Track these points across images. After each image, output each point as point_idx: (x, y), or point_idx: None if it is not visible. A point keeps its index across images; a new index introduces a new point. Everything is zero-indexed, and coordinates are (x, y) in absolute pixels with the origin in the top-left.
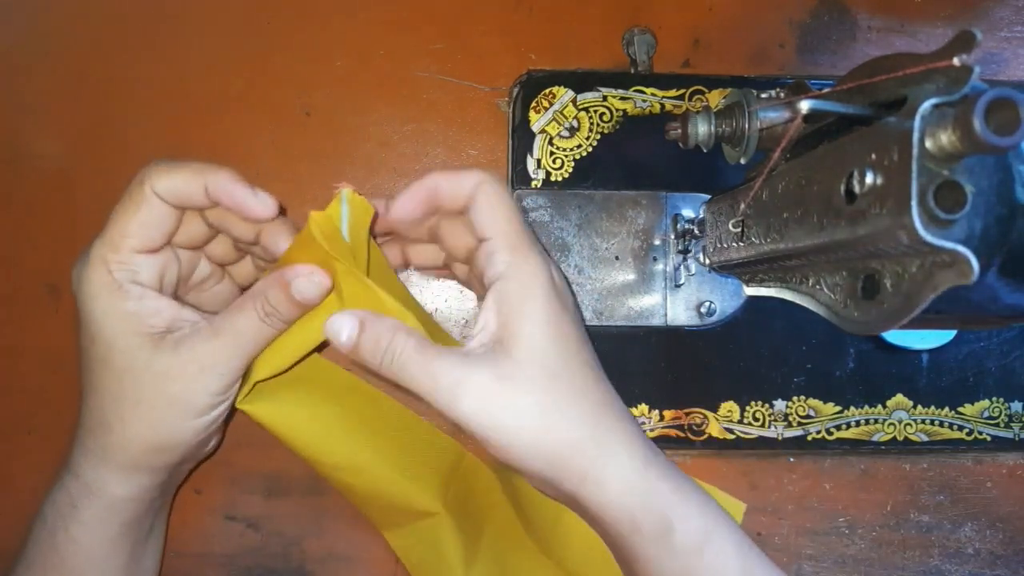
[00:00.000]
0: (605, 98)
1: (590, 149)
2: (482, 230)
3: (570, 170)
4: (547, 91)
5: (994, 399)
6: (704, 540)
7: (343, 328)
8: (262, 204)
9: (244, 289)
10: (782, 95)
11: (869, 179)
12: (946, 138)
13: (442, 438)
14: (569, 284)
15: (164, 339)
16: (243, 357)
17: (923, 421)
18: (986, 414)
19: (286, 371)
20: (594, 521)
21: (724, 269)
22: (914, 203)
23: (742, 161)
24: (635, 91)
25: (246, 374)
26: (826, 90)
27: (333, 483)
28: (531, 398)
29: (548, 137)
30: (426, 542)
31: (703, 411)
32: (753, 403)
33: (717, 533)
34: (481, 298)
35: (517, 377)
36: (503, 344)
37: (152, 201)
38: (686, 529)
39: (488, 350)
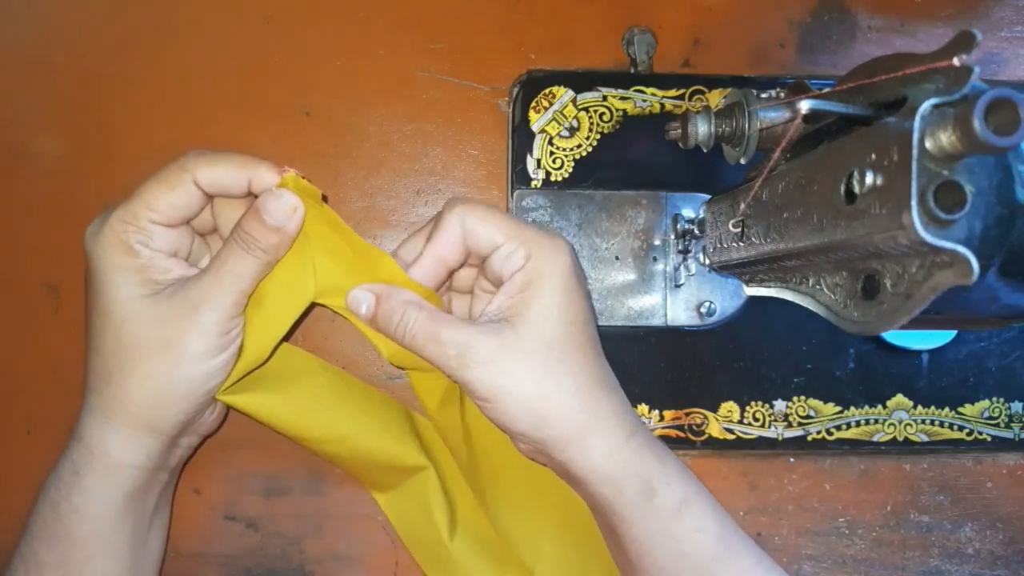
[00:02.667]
0: (605, 98)
1: (590, 149)
2: (491, 241)
3: (570, 170)
4: (547, 91)
5: (994, 399)
6: (683, 504)
7: (362, 302)
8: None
9: None
10: (782, 95)
11: (869, 179)
12: (946, 138)
13: (407, 410)
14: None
15: (164, 290)
16: (233, 291)
17: (923, 421)
18: (986, 414)
19: (268, 359)
20: (579, 485)
21: (724, 269)
22: (914, 203)
23: (742, 161)
24: (635, 91)
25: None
26: (826, 90)
27: (324, 456)
28: (530, 366)
29: (548, 137)
30: (416, 501)
31: (703, 411)
32: (753, 403)
33: (696, 499)
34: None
35: (519, 347)
36: (510, 321)
37: (188, 187)
38: (666, 493)
39: (495, 324)
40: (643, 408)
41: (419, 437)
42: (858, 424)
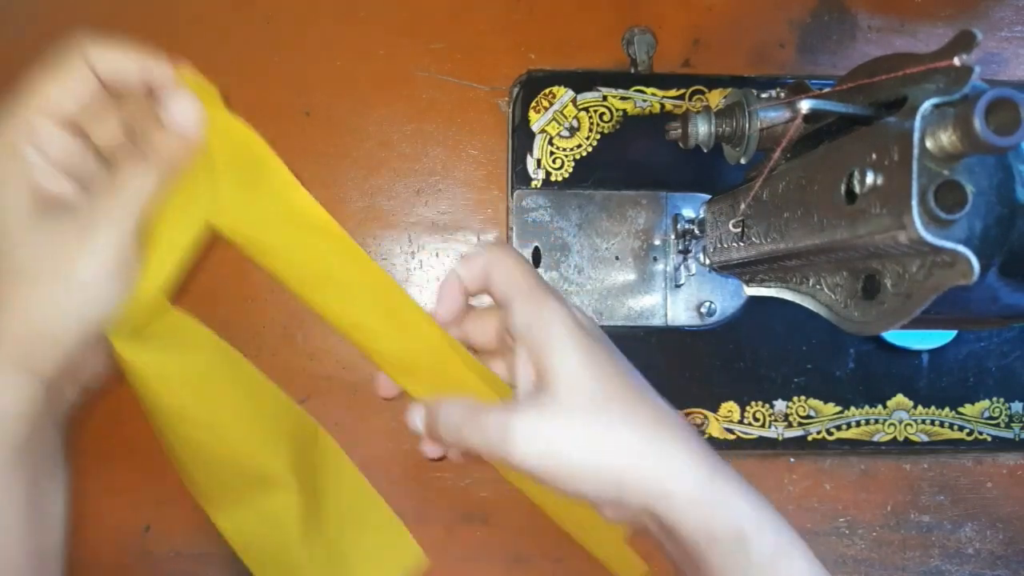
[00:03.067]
0: (605, 98)
1: (590, 149)
2: (501, 294)
3: (570, 170)
4: (547, 91)
5: (994, 399)
6: (778, 553)
7: (416, 415)
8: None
9: None
10: (782, 95)
11: (869, 179)
12: (946, 138)
13: (299, 411)
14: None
15: (56, 208)
16: (129, 208)
17: (923, 421)
18: (986, 414)
19: (165, 309)
20: (670, 537)
21: (724, 269)
22: (914, 203)
23: (742, 161)
24: (635, 91)
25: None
26: (826, 90)
27: (174, 438)
28: (579, 423)
29: (548, 137)
30: (265, 519)
31: (703, 411)
32: (753, 403)
33: (792, 548)
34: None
35: (561, 408)
36: (542, 386)
37: (83, 72)
38: (762, 540)
39: (530, 396)
40: None
41: (297, 447)
42: (858, 424)
